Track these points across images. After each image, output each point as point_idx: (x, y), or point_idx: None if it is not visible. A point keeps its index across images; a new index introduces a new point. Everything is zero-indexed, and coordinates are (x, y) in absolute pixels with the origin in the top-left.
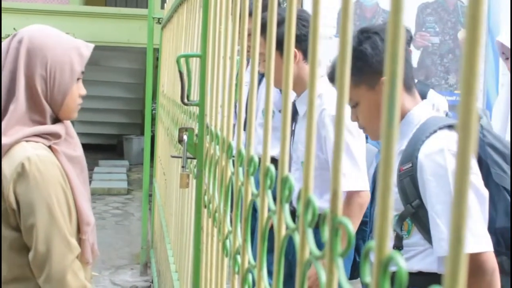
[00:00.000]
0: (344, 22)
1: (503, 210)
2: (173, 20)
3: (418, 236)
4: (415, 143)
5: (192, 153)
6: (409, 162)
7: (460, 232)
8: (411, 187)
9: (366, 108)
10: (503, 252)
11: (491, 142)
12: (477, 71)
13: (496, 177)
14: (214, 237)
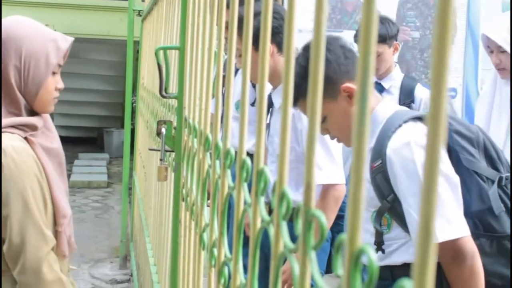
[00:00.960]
0: (318, 16)
1: (476, 193)
2: (153, 13)
3: (398, 229)
4: (383, 139)
5: (171, 146)
6: (379, 158)
7: (429, 222)
8: (384, 183)
9: (335, 119)
10: (482, 234)
11: (457, 128)
12: (447, 63)
13: (466, 162)
14: (191, 230)
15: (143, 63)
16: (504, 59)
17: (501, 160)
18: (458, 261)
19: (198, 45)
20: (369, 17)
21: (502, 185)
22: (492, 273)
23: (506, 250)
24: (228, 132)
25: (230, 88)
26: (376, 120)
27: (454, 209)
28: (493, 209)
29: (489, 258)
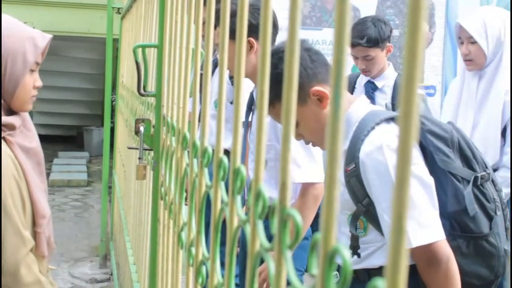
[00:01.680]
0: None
1: (452, 194)
2: (132, 10)
3: (375, 232)
4: (356, 142)
5: (149, 145)
6: (352, 162)
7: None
8: (358, 187)
9: (307, 123)
10: (459, 235)
11: (430, 128)
12: (419, 62)
13: (440, 163)
14: (170, 229)
15: (123, 61)
16: (474, 51)
17: (476, 159)
18: (433, 265)
19: (176, 43)
20: (342, 18)
21: (478, 185)
22: (470, 274)
23: (483, 250)
24: (205, 131)
25: (207, 86)
26: (350, 121)
27: (429, 213)
28: (468, 210)
29: (467, 259)
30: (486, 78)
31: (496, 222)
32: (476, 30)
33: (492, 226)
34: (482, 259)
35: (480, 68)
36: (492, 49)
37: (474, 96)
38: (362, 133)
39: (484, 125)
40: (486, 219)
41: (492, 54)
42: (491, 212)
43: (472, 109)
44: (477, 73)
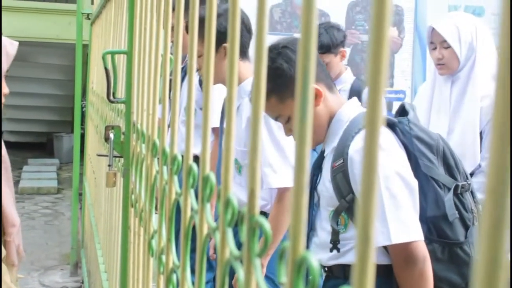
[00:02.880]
0: (260, 19)
1: (432, 199)
2: (102, 16)
3: (355, 229)
4: (346, 139)
5: (119, 152)
6: (341, 158)
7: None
8: (343, 182)
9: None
10: (435, 240)
11: (417, 134)
12: (384, 68)
13: (424, 168)
14: (141, 237)
15: (93, 67)
16: (447, 55)
17: (458, 168)
18: (409, 264)
19: (146, 49)
20: (308, 21)
21: (458, 193)
22: (442, 279)
23: (458, 257)
24: (175, 138)
25: (176, 92)
26: (341, 120)
27: (410, 213)
28: (447, 216)
29: (440, 264)
30: (459, 83)
31: (471, 232)
32: (450, 34)
33: (468, 235)
34: (455, 266)
35: (452, 73)
36: (465, 53)
37: (447, 101)
38: (352, 131)
39: (460, 130)
40: (463, 228)
41: (464, 59)
42: (468, 221)
43: (445, 115)
44: (449, 77)
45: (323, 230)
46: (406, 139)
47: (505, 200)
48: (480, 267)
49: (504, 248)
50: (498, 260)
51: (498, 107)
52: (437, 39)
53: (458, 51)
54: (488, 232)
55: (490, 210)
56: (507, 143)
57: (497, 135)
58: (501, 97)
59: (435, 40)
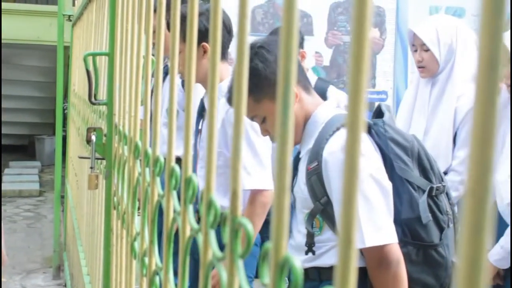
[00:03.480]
0: (241, 19)
1: (407, 201)
2: (83, 18)
3: (329, 232)
4: (320, 141)
5: (101, 154)
6: (315, 160)
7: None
8: (318, 185)
9: (275, 119)
10: (409, 242)
11: (392, 136)
12: (365, 68)
13: (399, 170)
14: (123, 239)
15: (74, 69)
16: (427, 58)
17: (433, 170)
18: (383, 267)
19: (127, 51)
20: (289, 21)
21: (432, 195)
22: (417, 281)
23: (432, 259)
24: (157, 139)
25: (158, 94)
26: (317, 121)
27: (384, 215)
28: (421, 218)
29: (415, 266)
30: (438, 85)
31: (446, 234)
32: (429, 38)
33: (443, 237)
34: (430, 268)
35: (433, 75)
36: (444, 56)
37: (426, 103)
38: (327, 133)
39: (436, 131)
40: (437, 230)
41: (444, 61)
42: (443, 223)
43: (424, 116)
44: (430, 80)
45: (299, 232)
46: (381, 141)
47: (486, 201)
48: (461, 268)
49: (485, 249)
50: (479, 261)
51: (478, 107)
52: (418, 42)
53: (437, 54)
54: (469, 233)
55: (470, 212)
56: (487, 143)
57: (477, 136)
58: (481, 97)
59: (416, 43)
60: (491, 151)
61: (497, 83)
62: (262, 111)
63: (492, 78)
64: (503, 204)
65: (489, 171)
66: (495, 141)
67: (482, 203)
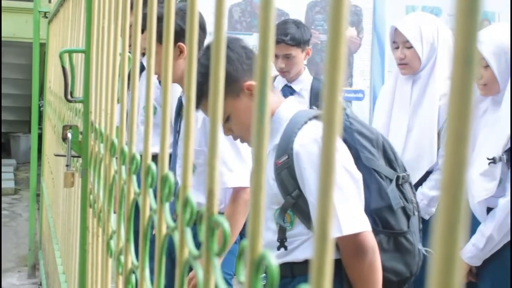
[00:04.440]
0: (218, 19)
1: (376, 191)
2: (59, 14)
3: (301, 226)
4: (289, 135)
5: (77, 151)
6: (285, 154)
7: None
8: (289, 179)
9: (238, 118)
10: (380, 231)
11: (358, 128)
12: (341, 65)
13: (365, 161)
14: (99, 237)
15: (50, 67)
16: (409, 55)
17: (397, 161)
18: (359, 255)
19: (104, 48)
20: (267, 17)
21: (399, 184)
22: (389, 269)
23: (402, 246)
24: (133, 137)
25: (135, 92)
26: (281, 118)
27: (357, 205)
28: (391, 206)
29: (386, 254)
30: (420, 82)
31: (412, 221)
32: (412, 35)
33: (410, 225)
34: (400, 255)
35: (414, 72)
36: (427, 54)
37: (408, 100)
38: (295, 127)
39: (419, 129)
40: (405, 218)
41: (426, 59)
42: (409, 211)
43: (406, 113)
44: (411, 77)
45: (268, 229)
46: (347, 134)
47: (460, 196)
48: (436, 263)
49: (459, 244)
50: (453, 256)
51: (453, 106)
52: (400, 39)
53: (420, 51)
54: (444, 228)
55: (445, 207)
56: (462, 140)
57: (452, 132)
58: (456, 95)
59: (398, 40)
60: (466, 149)
61: (471, 82)
62: (226, 109)
63: (467, 77)
64: (474, 202)
65: (463, 168)
66: (470, 138)
67: (456, 199)
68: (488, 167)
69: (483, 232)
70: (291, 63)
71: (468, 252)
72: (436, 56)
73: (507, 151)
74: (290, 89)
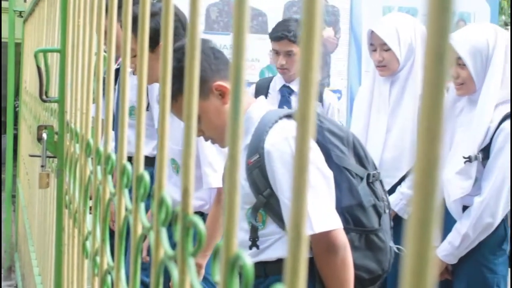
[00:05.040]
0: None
1: (346, 189)
2: (34, 14)
3: (273, 225)
4: (260, 135)
5: (53, 152)
6: (256, 153)
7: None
8: (260, 178)
9: (208, 119)
10: (352, 229)
11: (328, 127)
12: (315, 65)
13: (336, 159)
14: (75, 238)
15: (26, 66)
16: (387, 57)
17: (368, 159)
18: (331, 252)
19: (79, 47)
20: (241, 16)
21: (370, 182)
22: (360, 267)
23: (374, 244)
24: (108, 137)
25: (110, 92)
26: (251, 118)
27: (328, 202)
28: (363, 204)
29: (358, 252)
30: (398, 83)
31: (384, 219)
32: (390, 37)
33: (381, 222)
34: (372, 253)
35: (393, 74)
36: (405, 55)
37: (386, 101)
38: (266, 126)
39: (399, 129)
40: (376, 216)
41: (404, 60)
42: (380, 209)
43: (385, 114)
44: (389, 78)
45: (241, 229)
46: (318, 133)
47: (433, 194)
48: (409, 261)
49: (432, 242)
50: (426, 254)
51: (425, 103)
52: (377, 41)
53: (398, 53)
54: (416, 228)
55: (418, 205)
56: (434, 138)
57: (424, 131)
58: (428, 94)
59: (375, 42)
60: (438, 147)
61: (444, 80)
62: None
63: (439, 76)
64: (450, 200)
65: (436, 166)
66: (442, 137)
67: (429, 198)
68: (464, 165)
69: (459, 230)
70: (292, 61)
71: (443, 250)
72: (414, 56)
73: (482, 150)
74: (289, 89)
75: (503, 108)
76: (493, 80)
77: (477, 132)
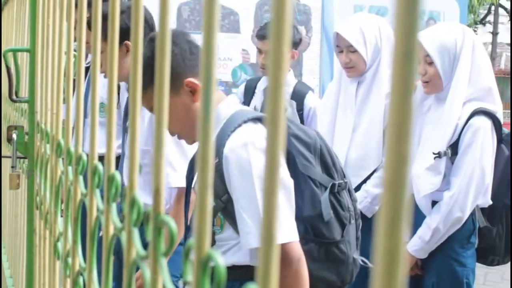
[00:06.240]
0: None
1: (309, 198)
2: (3, 13)
3: (230, 230)
4: (222, 137)
5: (23, 152)
6: (216, 157)
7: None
8: (219, 182)
9: (176, 115)
10: (311, 239)
11: (295, 132)
12: (284, 65)
13: (301, 167)
14: (46, 240)
15: None
16: (354, 59)
17: (335, 167)
18: (284, 264)
19: (49, 47)
20: (211, 14)
21: (335, 192)
22: (319, 279)
23: (334, 256)
24: (79, 137)
25: (81, 91)
26: (218, 118)
27: (286, 214)
28: (323, 215)
29: (317, 264)
30: (365, 83)
31: (348, 230)
32: (355, 39)
33: (344, 234)
34: (332, 265)
35: (360, 74)
36: (371, 55)
37: (353, 100)
38: (229, 129)
39: (365, 128)
40: (339, 227)
41: (371, 60)
42: (345, 220)
43: (351, 113)
44: (356, 79)
45: None
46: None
47: (403, 193)
48: (379, 259)
49: (402, 240)
50: (396, 252)
51: (394, 101)
52: (343, 43)
53: (365, 54)
54: (386, 225)
55: (387, 204)
56: (404, 136)
57: (394, 129)
58: (397, 92)
59: (341, 44)
60: (408, 145)
61: (412, 78)
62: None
63: (407, 74)
64: (419, 196)
65: (406, 163)
66: (412, 135)
67: (399, 195)
68: (433, 161)
69: (429, 225)
70: None
71: (414, 245)
72: (380, 56)
73: (451, 146)
74: None
75: (470, 105)
76: (461, 79)
77: (446, 129)
